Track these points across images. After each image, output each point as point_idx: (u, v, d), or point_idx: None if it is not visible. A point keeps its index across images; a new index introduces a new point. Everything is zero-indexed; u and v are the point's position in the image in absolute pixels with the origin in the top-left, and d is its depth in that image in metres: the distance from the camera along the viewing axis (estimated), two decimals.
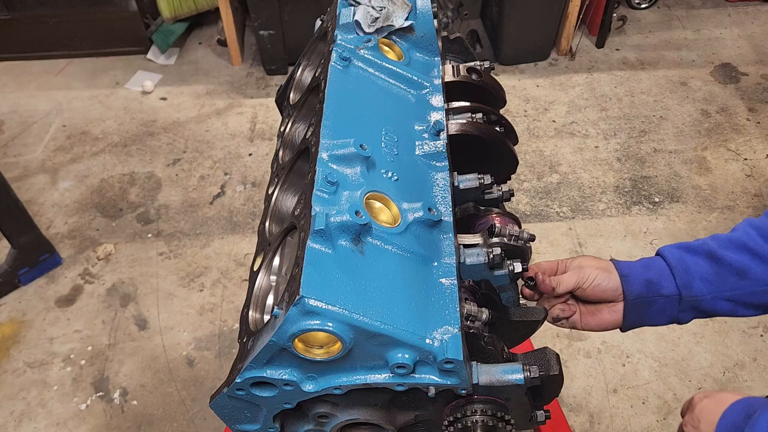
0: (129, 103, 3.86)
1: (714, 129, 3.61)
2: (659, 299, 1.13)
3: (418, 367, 0.85)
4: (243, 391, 0.89)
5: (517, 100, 3.81)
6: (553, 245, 3.00)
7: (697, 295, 1.12)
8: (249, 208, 3.21)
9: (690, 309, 1.14)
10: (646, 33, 4.33)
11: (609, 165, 3.40)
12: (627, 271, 1.15)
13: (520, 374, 0.89)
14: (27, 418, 2.43)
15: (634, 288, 1.14)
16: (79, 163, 3.48)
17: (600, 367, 2.54)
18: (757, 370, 2.52)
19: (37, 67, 4.13)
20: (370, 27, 1.21)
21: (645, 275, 1.14)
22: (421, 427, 1.03)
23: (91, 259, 2.98)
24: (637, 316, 1.15)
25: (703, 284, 1.12)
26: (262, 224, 1.15)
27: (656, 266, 1.15)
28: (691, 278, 1.12)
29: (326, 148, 0.97)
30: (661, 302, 1.13)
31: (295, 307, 0.77)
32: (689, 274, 1.12)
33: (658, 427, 2.36)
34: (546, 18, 3.88)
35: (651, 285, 1.13)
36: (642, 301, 1.14)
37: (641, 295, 1.13)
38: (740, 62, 4.06)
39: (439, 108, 1.20)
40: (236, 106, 3.82)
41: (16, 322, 2.74)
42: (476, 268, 1.01)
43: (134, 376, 2.55)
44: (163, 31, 4.09)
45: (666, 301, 1.13)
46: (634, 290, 1.14)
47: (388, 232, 0.91)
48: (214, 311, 2.76)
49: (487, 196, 1.17)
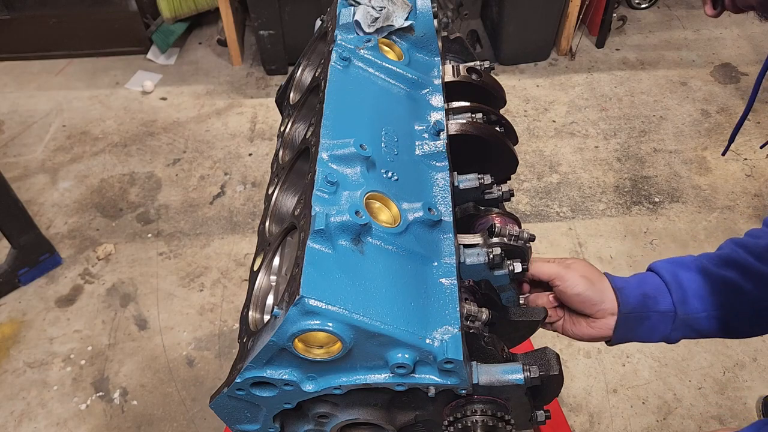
0: (129, 103, 3.86)
1: (714, 129, 3.61)
2: (654, 315, 1.10)
3: (418, 367, 0.85)
4: (243, 391, 0.89)
5: (517, 100, 3.81)
6: (553, 245, 3.00)
7: (690, 313, 1.09)
8: (249, 208, 3.21)
9: (683, 327, 1.11)
10: (646, 33, 4.33)
11: (609, 165, 3.40)
12: (622, 284, 1.12)
13: (520, 374, 0.89)
14: (27, 418, 2.43)
15: (630, 301, 1.10)
16: (79, 163, 3.48)
17: (600, 367, 2.54)
18: (757, 370, 2.52)
19: (37, 67, 4.13)
20: (370, 27, 1.21)
21: (641, 289, 1.11)
22: (421, 427, 1.03)
23: (91, 259, 2.98)
24: (628, 330, 1.12)
25: (698, 301, 1.09)
26: (262, 224, 1.14)
27: (651, 281, 1.12)
28: (686, 295, 1.09)
29: (326, 148, 0.97)
30: (655, 318, 1.10)
31: (295, 307, 0.77)
32: (684, 290, 1.09)
33: (658, 427, 2.36)
34: (546, 18, 3.89)
35: (647, 300, 1.10)
36: (636, 316, 1.10)
37: (636, 309, 1.10)
38: (740, 62, 4.06)
39: (439, 108, 1.20)
40: (236, 106, 3.82)
41: (16, 322, 2.74)
42: (476, 268, 1.01)
43: (134, 376, 2.55)
44: (163, 31, 4.09)
45: (660, 317, 1.10)
46: (629, 304, 1.10)
47: (388, 232, 0.91)
48: (214, 311, 2.76)
49: (487, 196, 1.17)
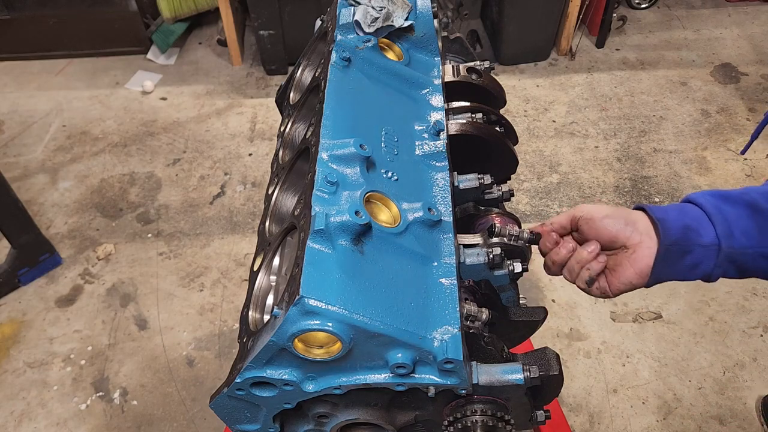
0: (129, 103, 3.86)
1: (714, 129, 3.61)
2: (697, 248, 0.99)
3: (418, 367, 0.85)
4: (243, 391, 0.89)
5: (517, 100, 3.81)
6: None
7: (736, 248, 0.99)
8: (249, 208, 3.21)
9: (727, 263, 1.00)
10: (646, 33, 4.33)
11: (609, 165, 3.40)
12: (662, 215, 1.01)
13: (520, 374, 0.89)
14: (27, 418, 2.43)
15: (672, 233, 0.99)
16: (79, 163, 3.48)
17: (600, 367, 2.54)
18: (757, 370, 2.52)
19: (37, 67, 4.13)
20: (370, 27, 1.21)
21: (682, 220, 1.00)
22: (421, 427, 1.03)
23: (91, 259, 2.98)
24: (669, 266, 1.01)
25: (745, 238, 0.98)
26: (262, 224, 1.15)
27: (692, 213, 1.02)
28: (731, 229, 0.99)
29: (326, 148, 0.97)
30: (698, 252, 1.00)
31: (295, 307, 0.77)
32: (729, 224, 0.99)
33: (658, 427, 2.36)
34: (546, 18, 3.89)
35: (689, 231, 0.99)
36: (678, 249, 1.00)
37: (678, 241, 0.99)
38: (740, 62, 4.06)
39: (439, 108, 1.20)
40: (236, 106, 3.82)
41: (16, 322, 2.74)
42: (476, 268, 1.01)
43: (134, 376, 2.54)
44: (163, 31, 4.09)
45: (704, 251, 0.99)
46: (671, 235, 0.99)
47: (388, 232, 0.91)
48: (214, 311, 2.76)
49: (487, 196, 1.17)
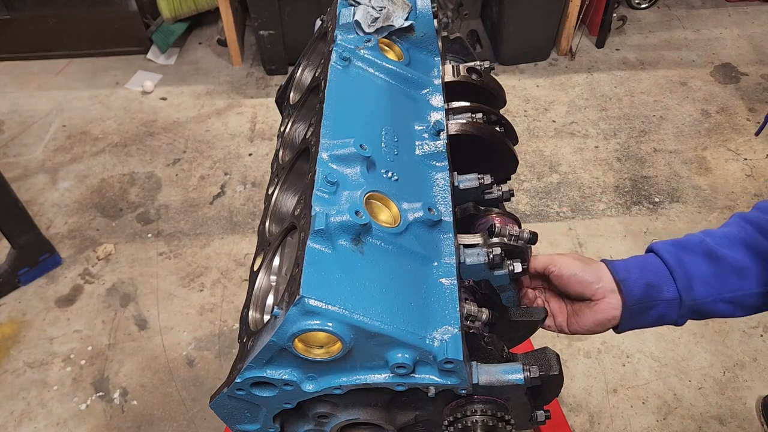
0: (129, 103, 3.86)
1: (714, 129, 3.61)
2: (660, 303, 1.08)
3: (418, 367, 0.85)
4: (243, 391, 0.89)
5: (517, 100, 3.81)
6: (553, 245, 2.99)
7: (697, 299, 1.07)
8: (249, 208, 3.21)
9: (689, 312, 1.09)
10: (646, 33, 4.33)
11: (609, 165, 3.40)
12: (624, 275, 1.09)
13: (520, 374, 0.89)
14: (27, 418, 2.43)
15: (634, 293, 1.07)
16: (79, 163, 3.48)
17: (600, 367, 2.54)
18: (757, 370, 2.52)
19: (37, 67, 4.13)
20: (370, 27, 1.21)
21: (644, 278, 1.08)
22: (421, 427, 1.03)
23: (91, 259, 2.98)
24: (635, 320, 1.10)
25: (703, 286, 1.06)
26: (262, 224, 1.14)
27: (654, 267, 1.10)
28: (691, 280, 1.06)
29: (326, 148, 0.97)
30: (661, 307, 1.08)
31: (295, 307, 0.77)
32: (689, 276, 1.07)
33: (658, 427, 2.36)
34: (546, 18, 3.89)
35: (651, 289, 1.07)
36: (642, 306, 1.08)
37: (641, 300, 1.07)
38: (740, 62, 4.06)
39: (439, 108, 1.20)
40: (236, 106, 3.82)
41: (16, 322, 2.74)
42: (476, 268, 1.01)
43: (134, 376, 2.55)
44: (163, 31, 4.09)
45: (667, 305, 1.08)
46: (634, 295, 1.07)
47: (388, 232, 0.91)
48: (214, 311, 2.76)
49: (487, 196, 1.17)
